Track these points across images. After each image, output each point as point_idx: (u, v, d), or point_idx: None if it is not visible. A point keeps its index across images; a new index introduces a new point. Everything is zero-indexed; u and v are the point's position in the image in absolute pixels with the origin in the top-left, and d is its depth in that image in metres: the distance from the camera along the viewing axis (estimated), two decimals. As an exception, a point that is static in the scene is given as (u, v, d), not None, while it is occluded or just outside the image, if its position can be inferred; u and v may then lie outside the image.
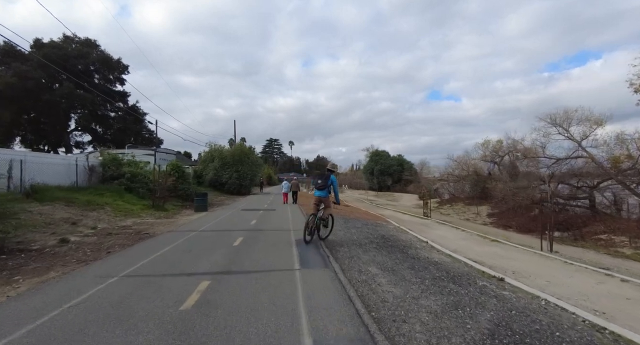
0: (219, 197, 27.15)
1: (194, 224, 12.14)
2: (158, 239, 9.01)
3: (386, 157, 61.99)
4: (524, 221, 23.78)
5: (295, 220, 13.64)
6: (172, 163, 21.40)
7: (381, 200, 44.17)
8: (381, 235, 11.36)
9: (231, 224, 12.13)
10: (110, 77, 52.75)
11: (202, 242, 8.34)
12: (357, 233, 11.39)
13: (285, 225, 12.10)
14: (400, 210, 28.56)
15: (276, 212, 16.84)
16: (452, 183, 44.06)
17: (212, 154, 32.93)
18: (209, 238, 8.94)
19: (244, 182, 32.27)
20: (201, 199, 17.18)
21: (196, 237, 9.13)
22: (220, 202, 23.29)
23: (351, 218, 16.51)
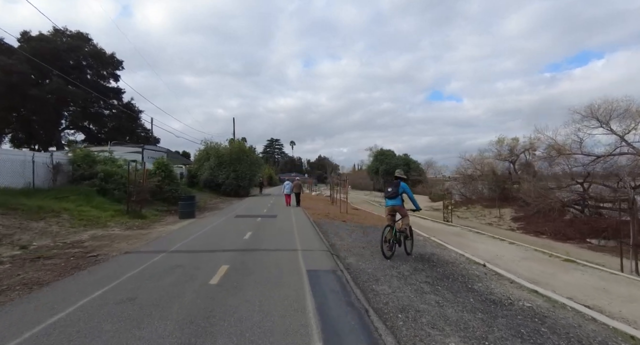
0: (214, 200, 24.13)
1: (168, 239, 9.11)
2: (101, 269, 5.98)
3: (392, 156, 59.01)
4: (559, 227, 20.71)
5: (302, 232, 10.63)
6: (158, 160, 18.41)
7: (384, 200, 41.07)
8: (419, 254, 8.34)
9: (217, 239, 9.10)
10: (104, 73, 49.78)
11: (160, 280, 5.25)
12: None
13: (290, 240, 9.07)
14: (413, 214, 25.51)
15: (277, 220, 13.82)
16: (465, 184, 40.99)
17: (208, 152, 29.94)
18: (175, 269, 5.87)
19: (242, 183, 29.26)
20: (187, 203, 14.16)
21: (157, 267, 6.07)
22: (213, 206, 20.27)
23: (369, 226, 13.50)
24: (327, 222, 13.76)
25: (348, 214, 18.00)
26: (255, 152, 32.75)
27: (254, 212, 16.56)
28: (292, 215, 15.73)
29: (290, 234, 10.16)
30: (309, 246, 8.16)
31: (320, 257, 6.97)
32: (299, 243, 8.59)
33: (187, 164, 31.57)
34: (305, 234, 10.22)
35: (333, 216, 16.13)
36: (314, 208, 21.29)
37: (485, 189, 41.10)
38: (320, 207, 22.44)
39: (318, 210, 19.61)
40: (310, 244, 8.45)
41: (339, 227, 12.49)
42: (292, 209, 19.75)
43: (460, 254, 9.15)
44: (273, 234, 10.06)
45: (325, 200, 32.43)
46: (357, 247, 8.58)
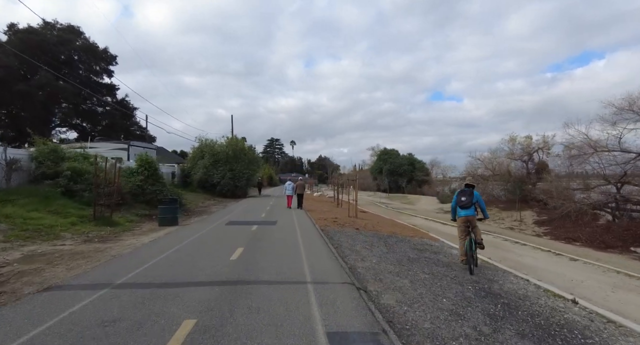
0: (207, 202, 21.66)
1: (127, 260, 6.62)
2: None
3: (395, 156, 56.54)
4: (594, 233, 18.22)
5: (309, 246, 8.15)
6: (141, 157, 15.93)
7: (395, 203, 38.64)
8: (473, 282, 5.88)
9: (194, 261, 6.60)
10: (96, 69, 47.29)
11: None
12: (430, 279, 5.90)
13: (294, 262, 6.59)
14: (429, 217, 23.05)
15: (277, 228, 11.33)
16: (476, 184, 38.47)
17: (203, 150, 27.46)
18: (96, 336, 3.39)
19: (239, 183, 26.77)
20: (168, 208, 11.66)
21: (68, 329, 3.59)
22: (204, 209, 17.78)
23: (388, 235, 11.03)
24: (336, 230, 11.29)
25: (358, 219, 15.55)
26: (253, 151, 30.23)
27: (249, 218, 14.08)
28: (295, 221, 13.29)
29: (294, 250, 7.67)
30: (322, 273, 5.68)
31: (342, 298, 4.48)
32: (307, 266, 6.11)
33: (180, 163, 29.10)
34: (314, 250, 7.74)
35: (342, 222, 13.66)
36: (318, 211, 18.84)
37: (497, 189, 38.74)
38: (325, 209, 19.99)
39: (323, 213, 17.16)
40: (322, 268, 5.97)
41: (353, 237, 10.02)
42: (294, 212, 17.30)
43: (525, 280, 6.69)
44: (271, 250, 7.56)
45: (329, 202, 29.95)
46: (389, 273, 6.10)
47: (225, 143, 27.95)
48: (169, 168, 25.23)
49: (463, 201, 7.06)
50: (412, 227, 15.08)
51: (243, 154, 28.35)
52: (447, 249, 10.25)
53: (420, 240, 11.14)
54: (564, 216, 21.22)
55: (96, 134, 49.29)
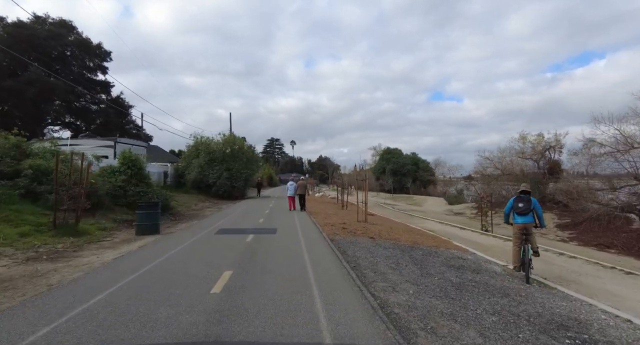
0: (201, 204, 19.69)
1: (64, 295, 4.62)
2: None
3: (399, 155, 54.59)
4: (629, 238, 16.30)
5: (319, 266, 6.16)
6: (124, 153, 13.98)
7: (401, 204, 36.69)
8: (534, 315, 3.93)
9: (161, 296, 4.61)
10: (90, 65, 45.24)
11: None
12: (502, 325, 3.94)
13: (302, 294, 4.60)
14: (443, 220, 21.09)
15: (277, 238, 9.36)
16: (488, 184, 36.56)
17: (198, 148, 25.48)
18: None
19: (237, 183, 24.79)
20: (147, 213, 9.67)
21: None
22: (196, 213, 15.81)
23: (409, 246, 9.08)
24: (348, 239, 9.33)
25: (368, 224, 13.61)
26: (253, 149, 28.18)
27: (245, 223, 12.10)
28: (298, 228, 11.35)
29: (300, 273, 5.69)
30: (346, 322, 3.69)
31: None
32: (320, 304, 4.14)
33: (174, 162, 27.11)
34: (326, 273, 5.77)
35: (352, 228, 11.70)
36: (322, 214, 16.92)
37: (506, 190, 36.84)
38: (330, 212, 18.04)
39: (328, 217, 15.22)
40: (344, 312, 3.98)
41: (371, 250, 8.06)
42: (296, 215, 15.40)
43: (612, 316, 4.75)
44: (269, 276, 5.56)
45: (332, 203, 28.01)
46: (440, 315, 4.12)
47: (221, 141, 25.98)
48: (160, 167, 23.27)
49: (520, 208, 6.86)
50: (431, 234, 13.11)
51: (241, 152, 26.38)
52: (485, 263, 8.31)
53: (449, 252, 9.18)
54: (592, 219, 19.28)
55: (90, 133, 47.24)
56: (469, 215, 27.66)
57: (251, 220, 13.06)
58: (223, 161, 25.01)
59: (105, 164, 14.79)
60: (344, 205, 21.96)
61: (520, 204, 6.84)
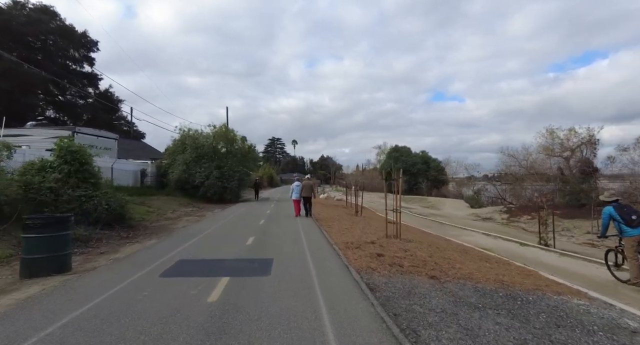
0: (181, 210, 15.48)
1: None
2: None
3: (407, 153, 50.35)
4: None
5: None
6: (61, 143, 9.75)
7: (415, 206, 32.42)
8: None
9: None
10: (75, 55, 41.11)
11: None
12: None
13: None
14: (487, 231, 16.80)
15: (271, 285, 5.02)
16: (512, 185, 32.30)
17: (184, 142, 21.27)
18: None
19: (230, 184, 20.57)
20: (44, 238, 5.36)
21: None
22: (167, 224, 11.52)
23: (502, 295, 4.84)
24: (398, 283, 5.11)
25: (404, 241, 9.39)
26: (250, 146, 23.77)
27: (224, 249, 7.73)
28: (307, 254, 7.14)
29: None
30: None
31: None
32: None
33: (156, 159, 22.90)
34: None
35: (390, 253, 7.48)
36: (334, 223, 12.76)
37: (530, 190, 32.64)
38: (344, 220, 13.86)
39: (345, 230, 11.04)
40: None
41: (458, 317, 3.85)
42: (301, 227, 11.27)
43: None
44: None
45: (342, 207, 23.81)
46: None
47: (211, 133, 21.74)
48: (137, 165, 19.09)
49: (635, 220, 6.28)
50: (503, 260, 8.83)
51: (234, 147, 22.16)
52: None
53: (562, 302, 4.97)
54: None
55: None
56: (499, 221, 23.40)
57: (236, 238, 8.82)
58: (213, 158, 20.81)
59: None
60: (357, 211, 17.72)
61: (634, 217, 6.33)
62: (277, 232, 9.92)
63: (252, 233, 9.58)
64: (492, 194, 35.09)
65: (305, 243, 8.48)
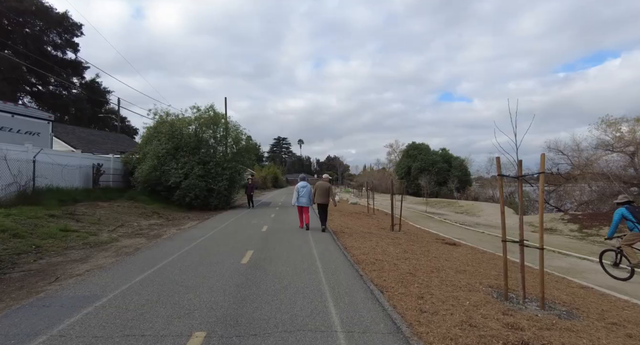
0: (137, 223, 10.00)
1: None
2: None
3: (427, 151, 44.66)
4: None
5: None
6: None
7: (447, 212, 26.74)
8: None
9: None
10: (57, 41, 36.06)
11: None
12: None
13: None
14: (552, 245, 11.12)
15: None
16: (551, 186, 26.59)
17: (159, 130, 15.85)
18: None
19: (217, 185, 15.07)
20: None
21: None
22: (61, 268, 6.00)
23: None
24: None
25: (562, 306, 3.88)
26: (242, 131, 18.01)
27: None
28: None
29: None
30: None
31: None
32: None
33: (124, 153, 17.45)
34: None
35: None
36: (364, 241, 7.37)
37: (587, 193, 26.91)
38: (380, 240, 8.40)
39: (390, 261, 5.65)
40: None
41: None
42: (315, 251, 5.89)
43: None
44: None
45: (363, 215, 18.26)
46: None
47: (192, 117, 16.27)
48: (84, 159, 13.73)
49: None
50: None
51: (224, 137, 16.68)
52: None
53: None
54: None
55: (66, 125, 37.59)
56: (568, 234, 17.65)
57: (175, 325, 3.35)
58: (196, 150, 15.38)
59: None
60: (395, 223, 12.12)
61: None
62: (274, 287, 4.43)
63: (227, 285, 4.16)
64: (535, 197, 29.28)
65: (336, 318, 3.05)
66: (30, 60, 31.73)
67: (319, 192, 10.12)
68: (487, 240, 13.33)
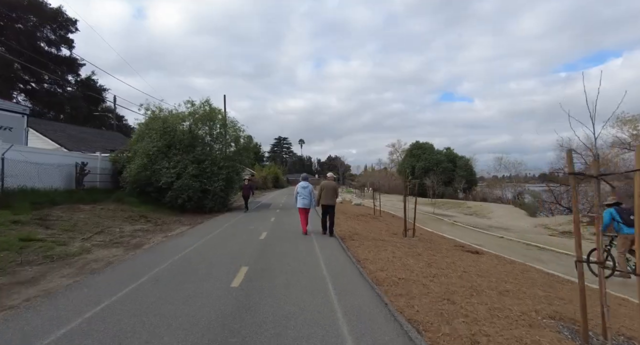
0: (121, 229, 8.78)
1: None
2: None
3: (431, 150, 43.43)
4: None
5: None
6: None
7: (454, 213, 25.53)
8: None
9: None
10: (52, 37, 34.90)
11: None
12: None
13: None
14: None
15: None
16: (565, 187, 25.25)
17: (151, 126, 14.67)
18: None
19: (213, 186, 13.89)
20: None
21: None
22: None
23: None
24: None
25: None
26: (240, 127, 16.73)
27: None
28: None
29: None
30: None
31: None
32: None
33: (113, 151, 16.22)
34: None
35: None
36: (378, 251, 6.09)
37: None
38: (395, 248, 7.18)
39: (417, 280, 4.38)
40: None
41: None
42: (323, 264, 4.74)
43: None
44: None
45: (370, 217, 17.05)
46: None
47: (187, 113, 15.07)
48: (66, 158, 12.56)
49: (632, 220, 6.45)
50: None
51: (221, 134, 15.48)
52: None
53: None
54: None
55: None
56: (589, 237, 16.44)
57: None
58: (189, 148, 14.18)
59: None
60: (407, 229, 10.87)
61: (632, 217, 6.70)
62: (273, 330, 3.23)
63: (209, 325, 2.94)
64: (547, 198, 27.95)
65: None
66: (23, 57, 30.74)
67: (325, 192, 8.92)
68: (508, 246, 12.12)
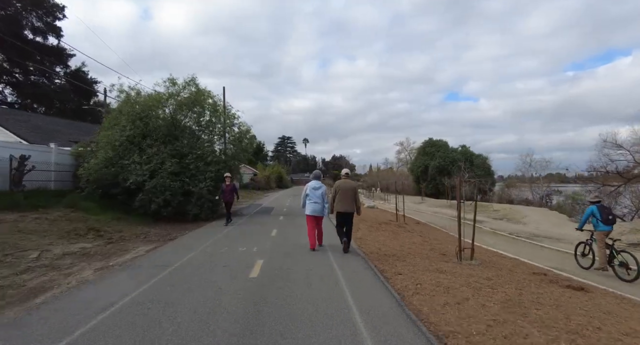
0: (48, 249, 5.67)
1: None
2: None
3: (445, 148, 40.16)
4: None
5: None
6: None
7: (482, 218, 22.17)
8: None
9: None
10: (37, 24, 31.95)
11: None
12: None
13: None
14: None
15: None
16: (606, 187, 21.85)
17: (123, 110, 11.56)
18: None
19: (198, 187, 10.71)
20: None
21: None
22: None
23: None
24: None
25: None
26: (235, 115, 13.42)
27: None
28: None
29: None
30: None
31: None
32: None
33: (76, 142, 13.06)
34: None
35: None
36: (448, 302, 2.86)
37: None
38: (469, 289, 3.98)
39: None
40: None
41: None
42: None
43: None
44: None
45: (393, 224, 13.79)
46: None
47: (166, 94, 11.92)
48: (11, 149, 9.45)
49: (610, 219, 7.22)
50: None
51: (211, 122, 12.34)
52: None
53: None
54: None
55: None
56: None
57: None
58: (168, 137, 11.04)
59: None
60: (463, 247, 7.57)
61: (610, 216, 7.26)
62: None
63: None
64: (583, 201, 24.56)
65: None
66: (5, 45, 28.04)
67: (341, 195, 6.02)
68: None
